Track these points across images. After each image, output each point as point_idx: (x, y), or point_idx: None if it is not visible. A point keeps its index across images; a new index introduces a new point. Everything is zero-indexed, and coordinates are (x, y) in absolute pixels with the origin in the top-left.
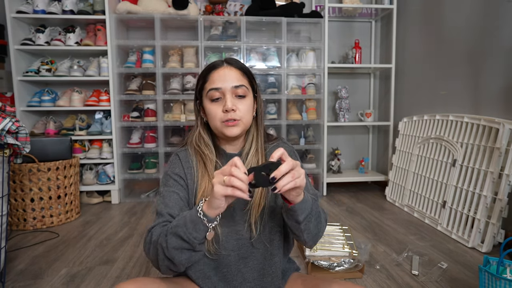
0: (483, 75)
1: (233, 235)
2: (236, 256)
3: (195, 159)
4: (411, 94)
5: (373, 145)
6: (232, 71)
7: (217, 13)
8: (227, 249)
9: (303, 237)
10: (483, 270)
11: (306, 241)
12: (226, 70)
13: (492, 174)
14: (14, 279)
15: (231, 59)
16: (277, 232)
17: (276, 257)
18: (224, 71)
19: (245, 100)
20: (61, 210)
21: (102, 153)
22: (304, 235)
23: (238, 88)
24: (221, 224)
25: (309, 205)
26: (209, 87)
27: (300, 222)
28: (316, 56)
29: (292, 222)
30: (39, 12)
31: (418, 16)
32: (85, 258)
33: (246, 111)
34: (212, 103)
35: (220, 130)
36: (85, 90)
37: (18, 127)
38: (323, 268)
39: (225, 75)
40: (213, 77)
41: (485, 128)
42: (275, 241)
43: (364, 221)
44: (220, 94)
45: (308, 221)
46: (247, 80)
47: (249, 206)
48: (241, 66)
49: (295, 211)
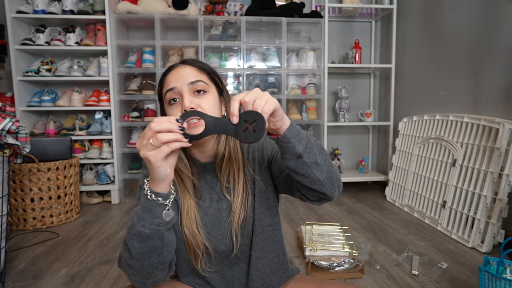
0: (483, 75)
1: (219, 248)
2: (226, 266)
3: None
4: (411, 94)
5: (373, 145)
6: (187, 68)
7: (217, 13)
8: (216, 264)
9: (317, 178)
10: (483, 270)
11: (323, 183)
12: (180, 69)
13: (492, 174)
14: (14, 279)
15: (188, 59)
16: (264, 239)
17: (262, 260)
18: (177, 70)
19: (206, 95)
20: (61, 210)
21: (102, 153)
22: (316, 174)
23: (195, 84)
24: (207, 238)
25: (302, 132)
26: (165, 90)
27: (301, 154)
28: (316, 56)
29: (294, 163)
30: (39, 12)
31: (418, 16)
32: (85, 258)
33: (209, 108)
34: (170, 106)
35: None
36: (85, 90)
37: (18, 127)
38: (323, 268)
39: (179, 74)
40: (168, 78)
41: (485, 128)
42: (259, 247)
43: (364, 221)
44: (176, 95)
45: (309, 151)
46: (207, 76)
47: (229, 218)
48: (199, 64)
49: (289, 141)
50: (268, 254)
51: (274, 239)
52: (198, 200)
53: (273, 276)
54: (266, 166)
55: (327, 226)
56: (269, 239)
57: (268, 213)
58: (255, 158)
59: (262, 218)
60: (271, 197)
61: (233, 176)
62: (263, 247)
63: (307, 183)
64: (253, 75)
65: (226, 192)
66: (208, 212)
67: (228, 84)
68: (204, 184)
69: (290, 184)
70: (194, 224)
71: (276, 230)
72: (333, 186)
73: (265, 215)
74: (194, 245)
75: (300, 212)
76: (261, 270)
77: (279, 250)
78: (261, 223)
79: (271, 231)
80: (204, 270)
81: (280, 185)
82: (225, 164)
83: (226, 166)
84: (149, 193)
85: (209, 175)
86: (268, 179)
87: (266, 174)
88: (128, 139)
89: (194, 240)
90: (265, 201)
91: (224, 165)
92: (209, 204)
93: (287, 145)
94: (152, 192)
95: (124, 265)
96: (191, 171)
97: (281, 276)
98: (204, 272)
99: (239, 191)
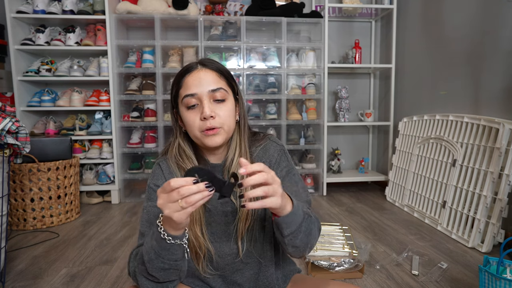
0: (483, 75)
1: (223, 252)
2: (229, 271)
3: (178, 172)
4: (411, 94)
5: (373, 145)
6: (208, 73)
7: (217, 13)
8: (218, 267)
9: (288, 250)
10: (483, 270)
11: (291, 254)
12: (201, 73)
13: (492, 174)
14: (14, 279)
15: (206, 59)
16: (269, 244)
17: (269, 268)
18: (198, 74)
19: (225, 104)
20: (61, 210)
21: (102, 153)
22: (288, 248)
23: (216, 92)
24: (211, 241)
25: (298, 220)
26: (184, 94)
27: (284, 235)
28: (316, 56)
29: (277, 233)
30: (39, 12)
31: (418, 16)
32: (85, 258)
33: (227, 117)
34: (188, 110)
35: (200, 140)
36: (85, 90)
37: (18, 127)
38: (323, 268)
39: (200, 79)
40: (188, 81)
41: (485, 128)
42: (267, 254)
43: (364, 221)
44: (196, 101)
45: (293, 236)
46: (225, 82)
47: (236, 221)
48: (217, 67)
49: (279, 225)
50: (277, 261)
51: (276, 246)
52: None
53: (279, 281)
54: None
55: (327, 226)
56: (271, 246)
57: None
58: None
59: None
60: None
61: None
62: (272, 255)
63: (278, 242)
64: (253, 75)
65: (233, 195)
66: (214, 215)
67: None
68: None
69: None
70: (198, 227)
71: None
72: (299, 256)
73: (267, 223)
74: (197, 246)
75: None
76: (269, 277)
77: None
78: (271, 229)
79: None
80: (205, 271)
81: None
82: (234, 166)
83: (235, 169)
84: (166, 237)
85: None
86: None
87: None
88: (128, 139)
89: (197, 242)
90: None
91: (233, 167)
92: (215, 206)
93: (276, 225)
94: (169, 236)
95: (138, 278)
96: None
97: (285, 280)
98: (205, 274)
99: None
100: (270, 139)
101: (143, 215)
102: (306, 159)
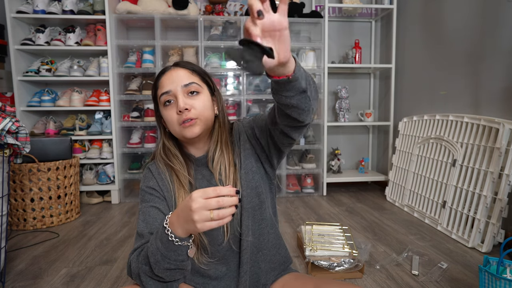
0: (483, 75)
1: (212, 235)
2: (221, 259)
3: (166, 171)
4: (411, 94)
5: (373, 145)
6: (180, 71)
7: (217, 13)
8: (210, 256)
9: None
10: (483, 270)
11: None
12: (173, 72)
13: (492, 174)
14: (14, 279)
15: (180, 61)
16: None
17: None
18: (171, 73)
19: (199, 96)
20: (61, 210)
21: (102, 153)
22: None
23: (188, 86)
24: (203, 234)
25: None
26: (160, 93)
27: (305, 89)
28: (316, 56)
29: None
30: (39, 12)
31: (418, 16)
32: (85, 258)
33: (202, 108)
34: (166, 107)
35: (180, 134)
36: (85, 90)
37: (18, 127)
38: (323, 268)
39: (172, 77)
40: (163, 81)
41: (485, 128)
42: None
43: (364, 221)
44: (171, 97)
45: (310, 83)
46: (199, 77)
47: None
48: (190, 66)
49: (297, 79)
50: (260, 238)
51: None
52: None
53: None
54: (251, 147)
55: (327, 226)
56: (259, 219)
57: (255, 193)
58: (246, 147)
59: (249, 200)
60: (258, 177)
61: (225, 168)
62: (253, 230)
63: (296, 115)
64: (253, 75)
65: (219, 183)
66: None
67: (228, 84)
68: (201, 177)
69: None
70: None
71: (263, 209)
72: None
73: (252, 196)
74: None
75: (300, 212)
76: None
77: (272, 234)
78: (249, 204)
79: (259, 211)
80: (200, 261)
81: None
82: (217, 157)
83: (218, 160)
84: (174, 239)
85: (204, 169)
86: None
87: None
88: (128, 139)
89: None
90: (250, 181)
91: (216, 158)
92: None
93: (294, 83)
94: (177, 238)
95: (143, 279)
96: (187, 168)
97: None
98: (201, 264)
99: (229, 181)
100: (235, 123)
101: (140, 216)
102: (306, 159)
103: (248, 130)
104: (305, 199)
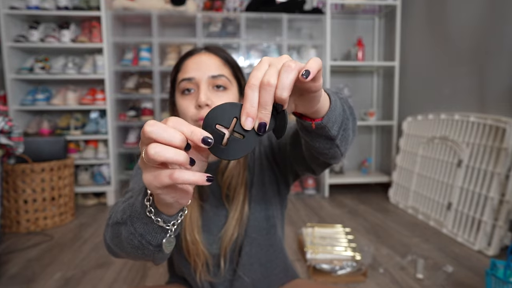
0: (489, 73)
1: (211, 252)
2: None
3: None
4: (416, 93)
5: (376, 145)
6: (211, 58)
7: (216, 10)
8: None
9: (341, 153)
10: (490, 274)
11: (343, 153)
12: (203, 57)
13: (499, 175)
14: (6, 283)
15: (212, 45)
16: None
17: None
18: (200, 58)
19: (226, 93)
20: (56, 212)
21: (97, 153)
22: (342, 149)
23: (216, 79)
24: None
25: (339, 107)
26: (181, 77)
27: (334, 137)
28: (318, 53)
29: (322, 143)
30: (32, 8)
31: (422, 12)
32: (80, 261)
33: None
34: (183, 96)
35: None
36: (80, 89)
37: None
38: (325, 271)
39: (200, 62)
40: (187, 65)
41: (491, 128)
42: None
43: (367, 223)
44: (193, 85)
45: (344, 128)
46: (230, 71)
47: (219, 236)
48: (223, 54)
49: (324, 127)
50: (267, 265)
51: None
52: (203, 202)
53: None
54: (267, 164)
55: (329, 228)
56: (266, 245)
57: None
58: (263, 165)
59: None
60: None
61: (235, 185)
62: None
63: (320, 156)
64: None
65: (225, 200)
66: (209, 215)
67: None
68: (207, 188)
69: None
70: (196, 229)
71: (272, 233)
72: (345, 151)
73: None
74: (194, 254)
75: (301, 214)
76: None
77: (280, 258)
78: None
79: (266, 236)
80: (202, 282)
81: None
82: (229, 170)
83: (229, 173)
84: (147, 203)
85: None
86: (271, 175)
87: (267, 170)
88: (125, 139)
89: (194, 247)
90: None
91: (228, 171)
92: (210, 208)
93: (320, 131)
94: (153, 207)
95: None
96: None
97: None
98: (202, 283)
99: (238, 202)
100: None
101: (131, 179)
102: None
103: (266, 143)
104: (307, 200)
